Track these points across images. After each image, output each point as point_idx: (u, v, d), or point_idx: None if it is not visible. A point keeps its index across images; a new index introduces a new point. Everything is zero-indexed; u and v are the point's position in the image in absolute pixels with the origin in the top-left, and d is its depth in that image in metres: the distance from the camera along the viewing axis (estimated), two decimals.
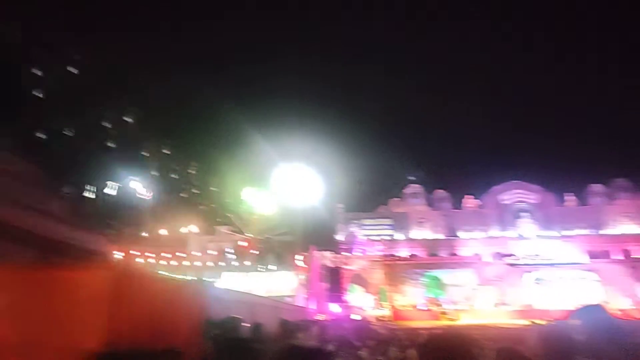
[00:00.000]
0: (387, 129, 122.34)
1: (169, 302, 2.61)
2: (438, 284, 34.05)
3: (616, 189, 44.45)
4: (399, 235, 43.45)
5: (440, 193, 47.22)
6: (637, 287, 33.20)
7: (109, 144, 40.42)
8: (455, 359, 1.61)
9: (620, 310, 28.63)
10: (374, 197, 54.10)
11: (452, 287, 34.84)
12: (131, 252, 28.96)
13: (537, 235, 40.76)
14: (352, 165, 65.07)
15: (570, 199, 45.02)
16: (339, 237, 41.81)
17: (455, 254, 40.56)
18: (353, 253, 36.75)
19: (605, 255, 38.86)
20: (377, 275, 35.30)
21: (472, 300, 34.03)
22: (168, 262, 32.06)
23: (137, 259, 29.20)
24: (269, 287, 28.65)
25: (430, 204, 46.79)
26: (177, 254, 32.15)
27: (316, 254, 31.73)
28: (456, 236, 43.06)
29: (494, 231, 42.89)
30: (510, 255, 35.62)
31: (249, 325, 11.58)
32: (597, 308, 2.02)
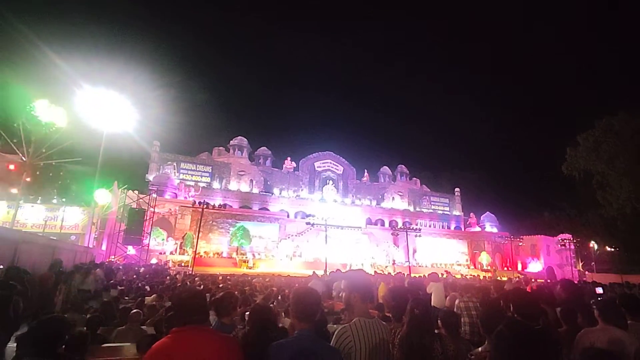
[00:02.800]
0: (223, 80, 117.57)
1: None
2: (245, 234, 35.64)
3: (397, 172, 55.74)
4: (215, 184, 43.12)
5: (264, 150, 48.88)
6: (394, 250, 42.92)
7: None
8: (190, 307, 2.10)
9: (379, 266, 36.37)
10: (197, 142, 51.76)
11: (257, 238, 37.09)
12: None
13: (335, 201, 47.49)
14: (180, 108, 60.01)
15: (365, 175, 53.99)
16: (150, 176, 38.43)
17: (266, 209, 43.16)
18: (163, 196, 34.41)
19: (378, 223, 48.71)
20: (185, 221, 34.35)
21: (272, 251, 37.19)
22: None
23: None
24: (50, 223, 24.09)
25: (252, 159, 47.96)
26: None
27: (118, 191, 28.24)
28: (270, 193, 45.75)
29: (303, 193, 47.60)
30: (311, 215, 40.28)
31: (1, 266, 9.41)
32: (359, 272, 2.91)
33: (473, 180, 66.46)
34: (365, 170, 54.26)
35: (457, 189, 57.87)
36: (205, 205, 27.63)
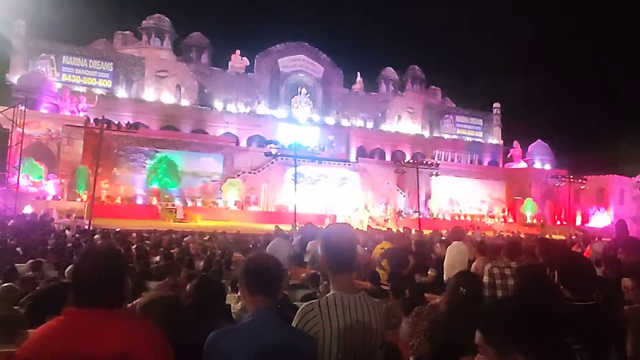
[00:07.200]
0: None
1: None
2: (170, 170, 35.52)
3: (407, 77, 55.32)
4: (121, 92, 41.90)
5: (198, 38, 47.12)
6: (399, 196, 44.02)
7: None
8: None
9: (371, 217, 37.18)
10: (88, 23, 49.13)
11: (189, 176, 37.13)
12: None
13: (310, 120, 47.30)
14: None
15: (358, 81, 53.35)
16: (13, 77, 36.83)
17: (202, 131, 42.70)
18: (37, 109, 33.34)
19: (375, 154, 49.30)
20: (75, 149, 33.74)
21: (213, 196, 37.53)
22: None
23: None
24: None
25: (180, 52, 46.34)
26: None
27: None
28: (209, 106, 44.96)
29: (261, 107, 47.00)
30: (274, 142, 40.19)
31: None
32: (342, 226, 2.96)
33: (521, 93, 67.10)
34: (358, 73, 53.68)
35: (496, 105, 58.45)
36: (106, 125, 27.01)
